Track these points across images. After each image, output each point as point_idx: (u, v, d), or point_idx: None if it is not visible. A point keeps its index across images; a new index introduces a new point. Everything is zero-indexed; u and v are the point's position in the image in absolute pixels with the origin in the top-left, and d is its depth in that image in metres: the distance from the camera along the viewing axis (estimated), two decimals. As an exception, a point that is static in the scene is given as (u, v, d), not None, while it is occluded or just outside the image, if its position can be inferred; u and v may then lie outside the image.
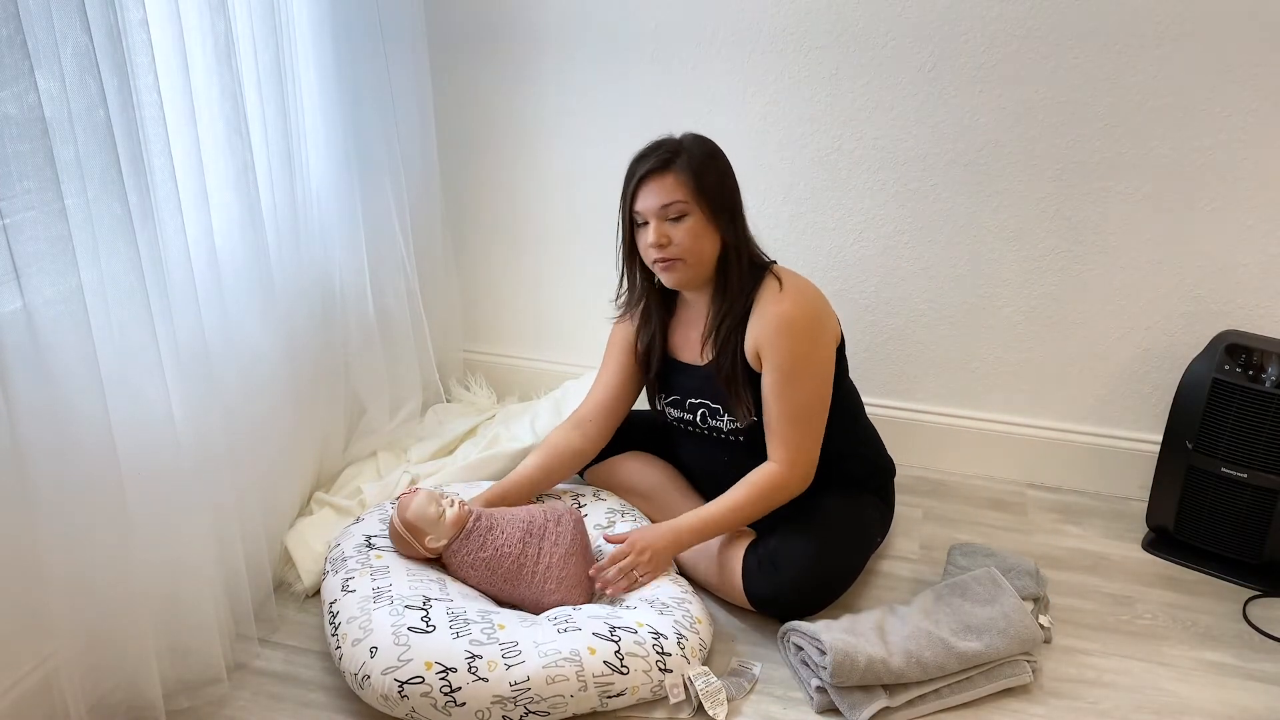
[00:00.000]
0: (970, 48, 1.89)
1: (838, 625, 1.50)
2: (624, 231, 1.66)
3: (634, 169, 1.60)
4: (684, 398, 1.73)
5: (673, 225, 1.57)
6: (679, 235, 1.57)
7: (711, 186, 1.57)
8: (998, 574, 1.59)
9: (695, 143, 1.60)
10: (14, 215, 1.16)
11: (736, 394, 1.63)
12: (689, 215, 1.56)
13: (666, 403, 1.77)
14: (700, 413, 1.71)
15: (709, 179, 1.57)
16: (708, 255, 1.60)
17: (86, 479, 1.28)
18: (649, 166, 1.57)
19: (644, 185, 1.58)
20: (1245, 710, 1.48)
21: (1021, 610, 1.51)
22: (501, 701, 1.36)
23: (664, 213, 1.56)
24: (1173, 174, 1.86)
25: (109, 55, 1.24)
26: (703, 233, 1.58)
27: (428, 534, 1.60)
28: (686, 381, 1.73)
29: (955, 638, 1.47)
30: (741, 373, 1.62)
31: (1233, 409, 1.72)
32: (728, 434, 1.69)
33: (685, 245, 1.57)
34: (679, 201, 1.56)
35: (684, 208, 1.56)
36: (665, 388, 1.77)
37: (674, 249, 1.57)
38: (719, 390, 1.66)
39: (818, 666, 1.45)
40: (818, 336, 1.61)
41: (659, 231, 1.57)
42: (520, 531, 1.61)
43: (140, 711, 1.39)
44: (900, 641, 1.46)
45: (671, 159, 1.57)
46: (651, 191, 1.57)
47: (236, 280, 1.59)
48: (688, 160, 1.56)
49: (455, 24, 2.18)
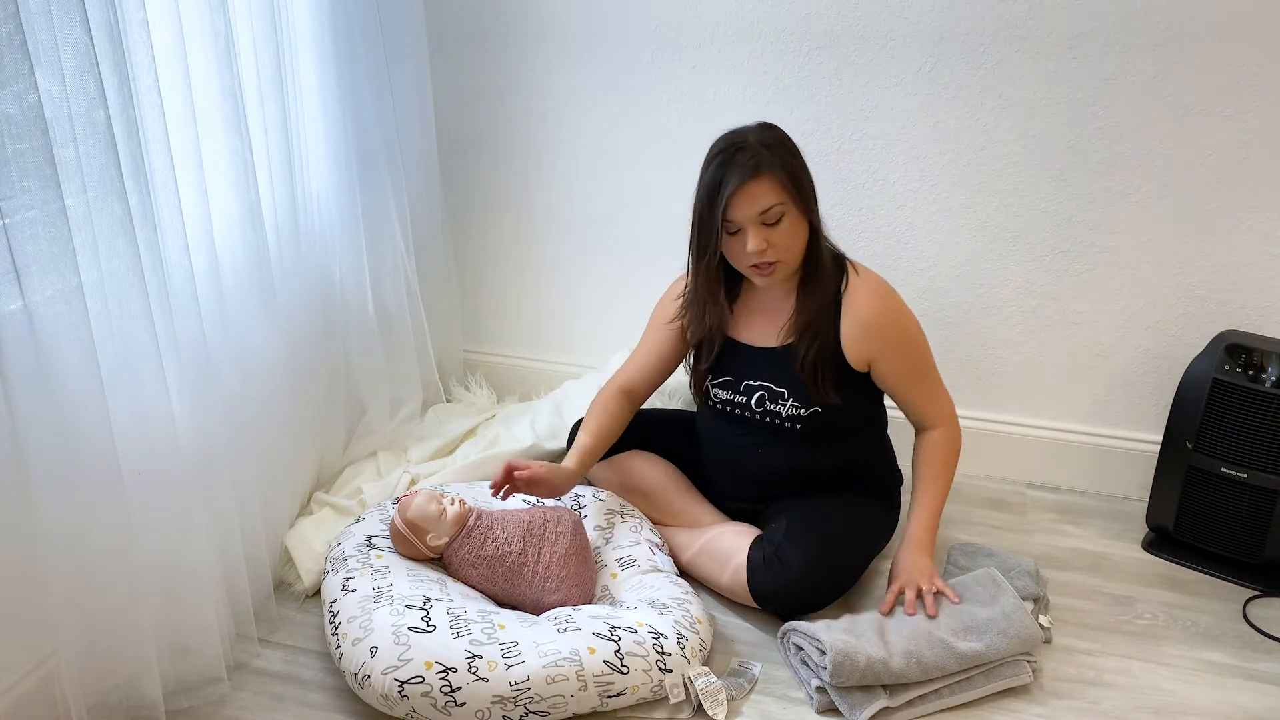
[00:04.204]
0: (970, 48, 1.89)
1: (838, 625, 1.50)
2: (705, 237, 1.57)
3: (722, 176, 1.51)
4: (739, 380, 1.69)
5: (770, 229, 1.53)
6: (777, 238, 1.53)
7: (800, 180, 1.54)
8: (998, 574, 1.59)
9: (769, 135, 1.55)
10: (14, 215, 1.16)
11: (818, 380, 1.61)
12: (786, 215, 1.53)
13: (716, 384, 1.72)
14: (758, 395, 1.67)
15: (796, 172, 1.54)
16: (801, 249, 1.58)
17: (86, 479, 1.28)
18: (741, 176, 1.50)
19: (739, 193, 1.50)
20: (1245, 710, 1.48)
21: (1022, 610, 1.51)
22: (501, 701, 1.36)
23: (762, 218, 1.52)
24: (1173, 174, 1.86)
25: (109, 55, 1.24)
26: (798, 228, 1.55)
27: (429, 532, 1.61)
28: (744, 364, 1.69)
29: (955, 638, 1.47)
30: (830, 360, 1.61)
31: (1233, 409, 1.72)
32: (785, 419, 1.66)
33: (783, 246, 1.54)
34: (777, 205, 1.52)
35: (781, 210, 1.52)
36: (718, 369, 1.72)
37: (773, 252, 1.54)
38: (791, 374, 1.62)
39: (818, 666, 1.45)
40: (909, 313, 1.66)
41: (759, 238, 1.51)
42: (520, 531, 1.61)
43: (140, 711, 1.39)
44: (900, 641, 1.45)
45: (760, 162, 1.50)
46: (747, 199, 1.50)
47: (236, 280, 1.59)
48: (775, 160, 1.51)
49: (455, 24, 2.18)
